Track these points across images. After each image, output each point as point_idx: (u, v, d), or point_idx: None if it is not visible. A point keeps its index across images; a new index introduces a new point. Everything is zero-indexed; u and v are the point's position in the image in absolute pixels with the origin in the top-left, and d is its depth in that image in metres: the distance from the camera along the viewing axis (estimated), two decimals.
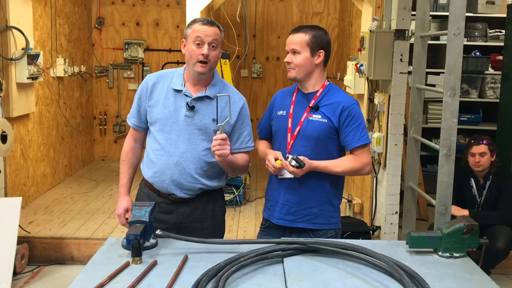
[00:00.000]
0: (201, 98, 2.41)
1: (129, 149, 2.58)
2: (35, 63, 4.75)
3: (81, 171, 6.62)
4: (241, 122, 2.49)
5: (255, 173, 6.73)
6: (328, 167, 2.42)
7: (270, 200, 2.58)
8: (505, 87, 4.90)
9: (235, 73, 6.60)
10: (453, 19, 2.38)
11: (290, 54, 2.47)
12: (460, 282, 1.90)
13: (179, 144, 2.40)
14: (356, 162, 2.45)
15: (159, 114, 2.42)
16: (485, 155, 3.94)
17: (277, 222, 2.53)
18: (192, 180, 2.42)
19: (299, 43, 2.44)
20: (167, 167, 2.41)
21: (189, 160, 2.40)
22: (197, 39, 2.34)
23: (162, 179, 2.43)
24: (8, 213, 3.74)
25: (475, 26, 6.26)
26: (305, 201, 2.48)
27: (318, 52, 2.45)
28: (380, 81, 4.29)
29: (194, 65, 2.36)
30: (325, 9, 7.28)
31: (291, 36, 2.48)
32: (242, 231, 4.71)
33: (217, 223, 2.57)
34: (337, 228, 2.56)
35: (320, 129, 2.43)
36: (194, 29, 2.36)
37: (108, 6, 7.09)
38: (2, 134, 3.99)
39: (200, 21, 2.37)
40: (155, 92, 2.45)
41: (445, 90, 2.40)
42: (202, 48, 2.34)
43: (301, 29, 2.48)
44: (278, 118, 2.55)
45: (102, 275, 1.83)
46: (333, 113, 2.43)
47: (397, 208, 4.14)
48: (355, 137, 2.43)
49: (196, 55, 2.35)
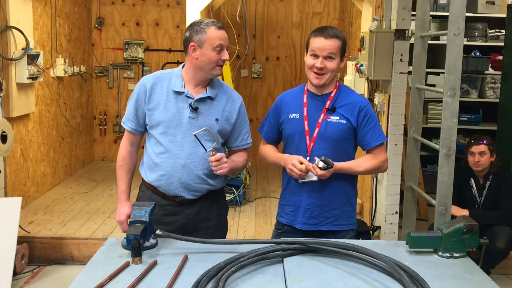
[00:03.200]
0: (203, 99, 2.41)
1: (126, 153, 2.52)
2: (35, 63, 4.75)
3: (81, 171, 6.62)
4: (240, 120, 2.52)
5: (255, 173, 6.72)
6: (351, 167, 2.44)
7: (290, 205, 2.53)
8: (505, 87, 4.90)
9: (235, 73, 6.60)
10: (453, 19, 2.38)
11: (322, 59, 2.38)
12: (460, 282, 1.90)
13: (184, 146, 2.39)
14: (376, 160, 2.47)
15: (161, 117, 2.40)
16: (485, 155, 3.94)
17: (301, 227, 2.50)
18: (200, 181, 2.42)
19: (336, 49, 2.39)
20: (174, 170, 2.40)
21: (196, 161, 2.40)
22: (218, 46, 2.36)
23: (170, 182, 2.41)
24: (8, 213, 3.74)
25: (475, 26, 6.26)
26: (328, 203, 2.46)
27: (344, 57, 2.46)
28: (380, 81, 4.30)
29: (213, 69, 2.39)
30: (325, 9, 7.27)
31: (325, 41, 2.38)
32: (242, 231, 4.71)
33: (222, 221, 2.60)
34: (355, 229, 2.57)
35: (340, 130, 2.43)
36: (212, 35, 2.35)
37: (108, 6, 7.09)
38: (2, 134, 3.98)
39: (214, 26, 2.37)
40: (154, 94, 2.42)
41: (445, 90, 2.40)
42: (222, 53, 2.38)
43: (333, 33, 2.40)
44: (291, 121, 2.50)
45: (102, 275, 1.83)
46: (350, 113, 2.44)
47: (397, 208, 4.14)
48: (373, 137, 2.45)
49: (216, 60, 2.37)
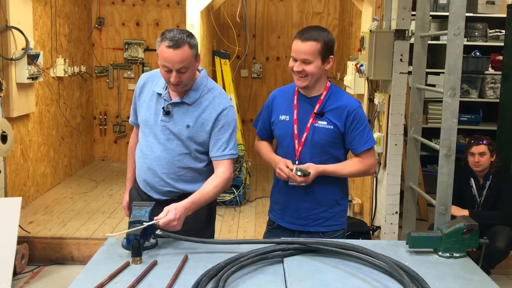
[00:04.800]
0: (177, 103, 2.36)
1: (133, 144, 2.64)
2: (35, 63, 4.75)
3: (81, 171, 6.62)
4: (219, 128, 2.35)
5: (255, 173, 6.72)
6: (336, 171, 2.42)
7: (278, 204, 2.54)
8: (505, 87, 4.90)
9: (235, 73, 6.60)
10: (453, 19, 2.38)
11: (299, 62, 2.33)
12: (460, 282, 1.90)
13: (154, 148, 2.38)
14: (363, 164, 2.45)
15: (142, 116, 2.43)
16: (485, 155, 3.94)
17: (289, 227, 2.51)
18: (164, 184, 2.40)
19: (311, 54, 2.30)
20: (141, 170, 2.44)
21: (161, 164, 2.37)
22: (164, 66, 2.23)
23: (139, 180, 2.49)
24: (8, 213, 3.74)
25: (475, 26, 6.26)
26: (316, 206, 2.46)
27: (328, 59, 2.37)
28: (380, 81, 4.29)
29: (169, 85, 2.31)
30: (325, 9, 7.28)
31: (301, 45, 2.31)
32: (242, 231, 4.71)
33: (200, 226, 2.45)
34: (345, 228, 2.57)
35: (327, 135, 2.40)
36: (160, 52, 2.22)
37: (108, 6, 7.09)
38: (2, 134, 3.98)
39: (166, 42, 2.19)
40: (143, 92, 2.45)
41: (445, 90, 2.40)
42: (170, 74, 2.23)
43: (310, 36, 2.31)
44: (281, 123, 2.48)
45: (102, 275, 1.83)
46: (338, 118, 2.39)
47: (397, 208, 4.14)
48: (361, 141, 2.42)
49: (166, 78, 2.27)
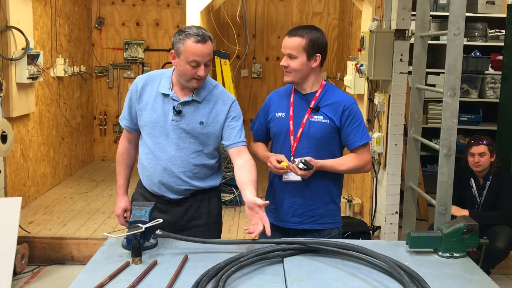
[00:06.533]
0: (188, 102, 2.38)
1: (123, 150, 2.59)
2: (35, 63, 4.74)
3: (81, 171, 6.62)
4: (232, 118, 2.43)
5: None
6: (333, 166, 2.43)
7: (274, 203, 2.55)
8: (505, 87, 4.90)
9: (235, 73, 6.60)
10: (453, 19, 2.38)
11: (286, 57, 2.41)
12: (460, 282, 1.90)
13: (167, 148, 2.39)
14: (359, 160, 2.47)
15: (148, 118, 2.41)
16: (485, 155, 3.94)
17: (284, 225, 2.52)
18: (181, 183, 2.42)
19: (295, 48, 2.38)
20: (156, 171, 2.42)
21: (177, 164, 2.39)
22: (193, 61, 2.26)
23: (153, 183, 2.45)
24: (8, 213, 3.74)
25: (475, 26, 6.26)
26: (311, 203, 2.47)
27: (314, 56, 2.40)
28: (380, 81, 4.29)
29: (189, 81, 2.33)
30: (325, 9, 7.27)
31: (287, 40, 2.41)
32: (242, 231, 4.70)
33: (213, 220, 2.56)
34: (340, 227, 2.58)
35: (323, 129, 2.42)
36: (188, 48, 2.25)
37: (108, 6, 7.09)
38: (2, 134, 3.98)
39: (193, 37, 2.25)
40: (144, 95, 2.43)
41: (445, 90, 2.40)
42: (197, 69, 2.28)
43: (297, 32, 2.40)
44: (277, 120, 2.51)
45: (102, 275, 1.84)
46: (334, 113, 2.43)
47: (397, 208, 4.14)
48: (357, 137, 2.44)
49: (191, 74, 2.30)
